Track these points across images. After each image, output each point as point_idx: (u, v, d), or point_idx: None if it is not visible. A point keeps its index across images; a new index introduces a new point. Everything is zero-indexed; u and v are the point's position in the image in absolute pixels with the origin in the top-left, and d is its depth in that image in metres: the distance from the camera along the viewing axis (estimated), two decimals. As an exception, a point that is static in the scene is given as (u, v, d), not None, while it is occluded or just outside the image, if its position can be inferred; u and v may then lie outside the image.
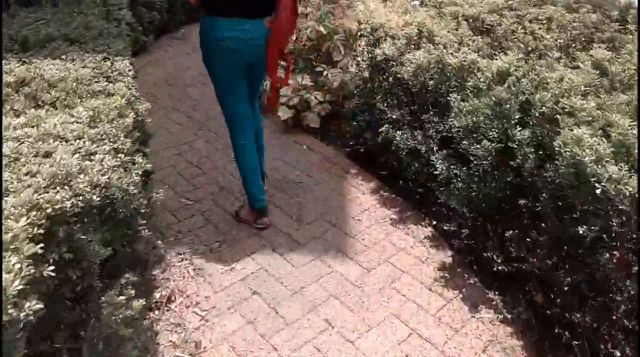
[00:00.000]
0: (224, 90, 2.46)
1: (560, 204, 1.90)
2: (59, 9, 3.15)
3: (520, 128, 1.99)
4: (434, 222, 2.74)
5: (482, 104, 2.06)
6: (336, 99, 3.72)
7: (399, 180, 2.97)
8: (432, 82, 2.56)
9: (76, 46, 2.42)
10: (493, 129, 2.10)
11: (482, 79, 2.24)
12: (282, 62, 2.82)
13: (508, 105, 1.99)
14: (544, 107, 1.95)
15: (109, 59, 2.29)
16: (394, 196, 2.95)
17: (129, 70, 2.24)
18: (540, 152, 1.98)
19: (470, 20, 2.96)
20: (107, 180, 1.40)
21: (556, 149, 1.80)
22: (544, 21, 2.86)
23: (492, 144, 2.10)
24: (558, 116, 1.88)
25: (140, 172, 1.66)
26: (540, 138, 1.98)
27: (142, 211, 1.68)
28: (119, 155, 1.56)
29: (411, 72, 2.57)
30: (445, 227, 2.69)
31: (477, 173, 2.20)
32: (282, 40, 2.36)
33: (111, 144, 1.59)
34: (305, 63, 4.10)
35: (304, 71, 3.99)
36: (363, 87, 3.14)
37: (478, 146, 2.13)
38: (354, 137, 3.36)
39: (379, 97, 3.06)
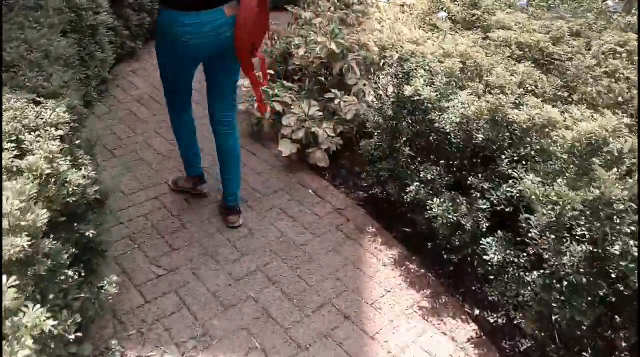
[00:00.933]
0: (172, 81, 2.35)
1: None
2: (10, 16, 2.45)
3: (634, 241, 1.31)
4: (476, 311, 2.07)
5: (578, 198, 1.38)
6: (349, 131, 3.04)
7: (428, 241, 2.28)
8: (482, 136, 1.88)
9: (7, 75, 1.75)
10: (584, 228, 1.42)
11: (560, 144, 1.57)
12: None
13: (621, 206, 1.31)
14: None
15: (40, 102, 1.61)
16: (422, 270, 2.27)
17: (66, 124, 1.56)
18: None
19: (526, 49, 2.26)
20: None
21: None
22: (623, 53, 2.17)
23: (583, 248, 1.43)
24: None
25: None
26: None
27: None
28: None
29: (454, 123, 1.89)
30: (491, 319, 2.01)
31: (555, 284, 1.52)
32: (245, 36, 2.04)
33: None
34: (313, 83, 3.41)
35: (311, 95, 3.30)
36: (385, 126, 2.45)
37: (562, 247, 1.46)
38: (371, 184, 2.68)
39: (404, 139, 2.38)
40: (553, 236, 1.43)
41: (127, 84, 4.05)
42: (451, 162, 2.12)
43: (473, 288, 2.18)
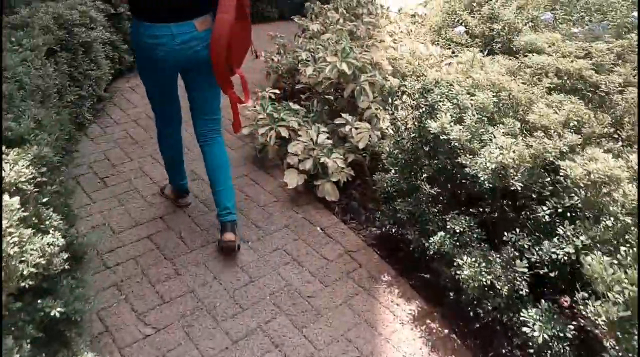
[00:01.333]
0: (152, 94, 2.24)
1: None
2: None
3: None
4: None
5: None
6: (361, 160, 2.74)
7: (451, 291, 1.98)
8: (520, 183, 1.59)
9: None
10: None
11: (621, 203, 1.27)
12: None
13: None
14: None
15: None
16: (446, 331, 1.97)
17: (30, 181, 1.27)
18: None
19: (565, 78, 1.96)
20: None
21: None
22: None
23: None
24: None
25: None
26: None
27: None
28: None
29: (489, 170, 1.59)
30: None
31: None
32: (220, 51, 1.91)
33: None
34: (322, 104, 3.12)
35: (320, 118, 3.01)
36: (403, 161, 2.16)
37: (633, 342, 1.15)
38: (385, 223, 2.37)
39: (425, 176, 2.09)
40: (625, 335, 1.13)
41: (125, 102, 3.78)
42: (481, 209, 1.82)
43: (504, 351, 1.88)
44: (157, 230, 2.49)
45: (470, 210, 1.80)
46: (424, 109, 1.88)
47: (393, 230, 2.31)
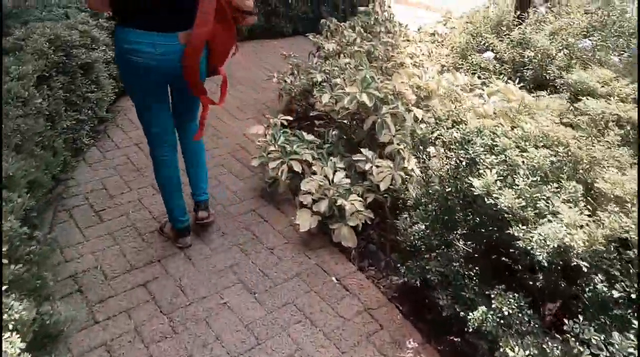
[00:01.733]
0: (139, 104, 2.13)
1: None
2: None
3: None
4: None
5: None
6: (382, 201, 2.46)
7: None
8: (587, 264, 1.30)
9: None
10: None
11: None
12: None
13: None
14: None
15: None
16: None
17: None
18: None
19: (628, 127, 1.67)
20: None
21: None
22: None
23: None
24: None
25: None
26: None
27: None
28: None
29: (549, 248, 1.30)
30: None
31: None
32: (193, 63, 1.92)
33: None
34: (339, 135, 2.84)
35: (336, 151, 2.73)
36: (434, 214, 1.87)
37: None
38: (411, 280, 2.08)
39: (460, 232, 1.81)
40: None
41: (127, 123, 3.53)
42: (531, 282, 1.53)
43: None
44: (154, 276, 2.22)
45: (513, 276, 1.51)
46: (464, 163, 1.59)
47: (417, 282, 2.03)
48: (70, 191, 2.77)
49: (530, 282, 1.52)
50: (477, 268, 1.74)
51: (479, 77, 3.41)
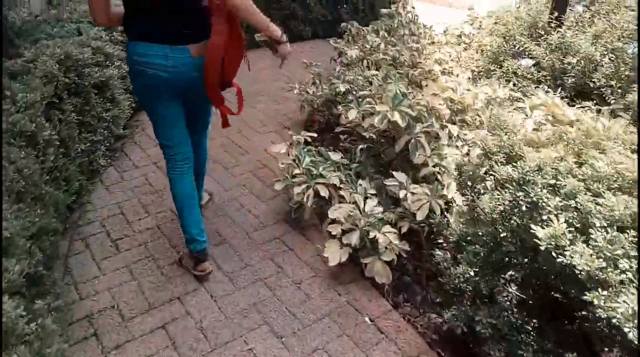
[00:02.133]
0: (153, 118, 2.10)
1: None
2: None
3: None
4: None
5: None
6: (417, 230, 2.24)
7: None
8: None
9: None
10: None
11: None
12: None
13: None
14: None
15: None
16: None
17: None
18: None
19: None
20: None
21: None
22: None
23: None
24: None
25: None
26: None
27: None
28: None
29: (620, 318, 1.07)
30: None
31: None
32: (215, 73, 1.93)
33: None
34: (368, 154, 2.62)
35: (365, 170, 2.52)
36: (482, 256, 1.65)
37: None
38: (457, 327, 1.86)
39: (512, 275, 1.59)
40: None
41: (145, 139, 3.37)
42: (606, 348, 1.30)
43: None
44: (174, 317, 2.04)
45: (584, 342, 1.28)
46: (523, 207, 1.36)
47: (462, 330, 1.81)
48: (86, 216, 2.61)
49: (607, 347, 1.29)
50: (534, 321, 1.51)
51: (514, 85, 3.15)
